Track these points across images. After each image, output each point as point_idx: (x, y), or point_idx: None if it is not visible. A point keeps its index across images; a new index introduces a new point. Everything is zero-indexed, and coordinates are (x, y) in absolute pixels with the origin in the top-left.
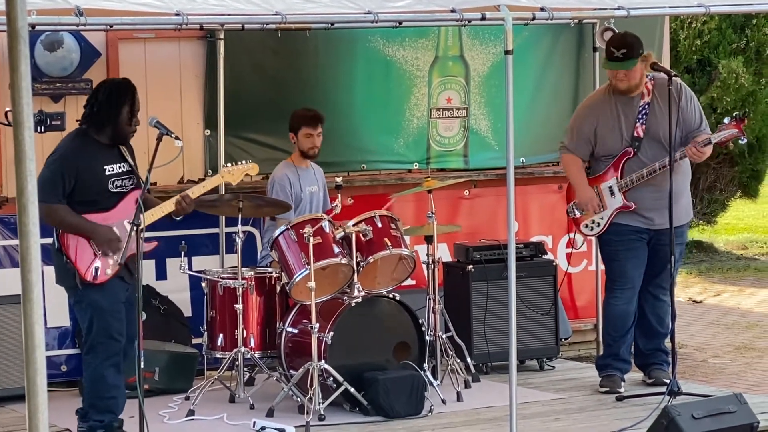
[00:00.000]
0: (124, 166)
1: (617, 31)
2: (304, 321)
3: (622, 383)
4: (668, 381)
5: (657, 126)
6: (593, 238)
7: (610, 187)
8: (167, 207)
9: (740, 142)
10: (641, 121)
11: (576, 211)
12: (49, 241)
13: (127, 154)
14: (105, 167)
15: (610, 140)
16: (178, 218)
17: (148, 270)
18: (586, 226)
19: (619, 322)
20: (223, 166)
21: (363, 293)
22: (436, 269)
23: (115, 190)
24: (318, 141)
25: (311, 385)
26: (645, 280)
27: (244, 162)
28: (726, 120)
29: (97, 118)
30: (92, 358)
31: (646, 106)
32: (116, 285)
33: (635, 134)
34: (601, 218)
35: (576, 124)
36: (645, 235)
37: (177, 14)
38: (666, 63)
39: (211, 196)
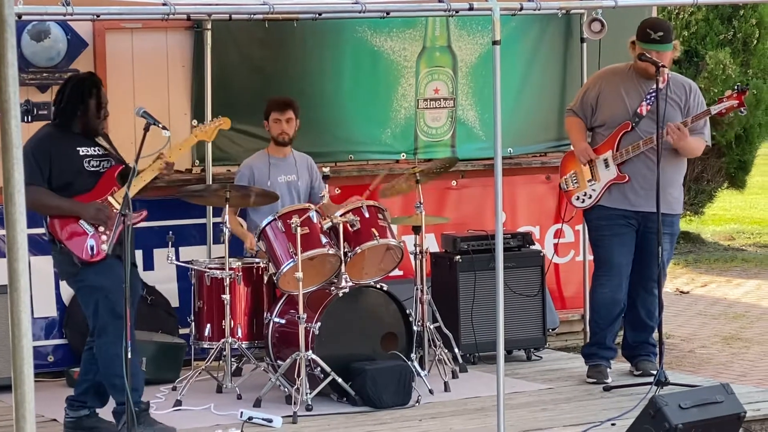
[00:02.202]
0: (98, 149)
1: (604, 21)
2: (292, 311)
3: (609, 372)
4: (655, 372)
5: (660, 109)
6: (581, 231)
7: (605, 160)
8: (147, 175)
9: (740, 113)
10: (648, 101)
11: (570, 184)
12: (37, 231)
13: (101, 141)
14: (78, 149)
15: (610, 107)
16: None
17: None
18: (578, 198)
19: (605, 310)
20: (194, 126)
21: (350, 283)
22: (423, 259)
23: (92, 170)
24: (287, 127)
25: (299, 376)
26: (635, 271)
27: (215, 119)
28: (727, 92)
29: (65, 113)
30: (104, 341)
31: (658, 90)
32: (115, 264)
33: (638, 110)
34: (594, 190)
35: (584, 89)
36: (633, 221)
37: (164, 4)
38: (677, 53)
39: (199, 186)
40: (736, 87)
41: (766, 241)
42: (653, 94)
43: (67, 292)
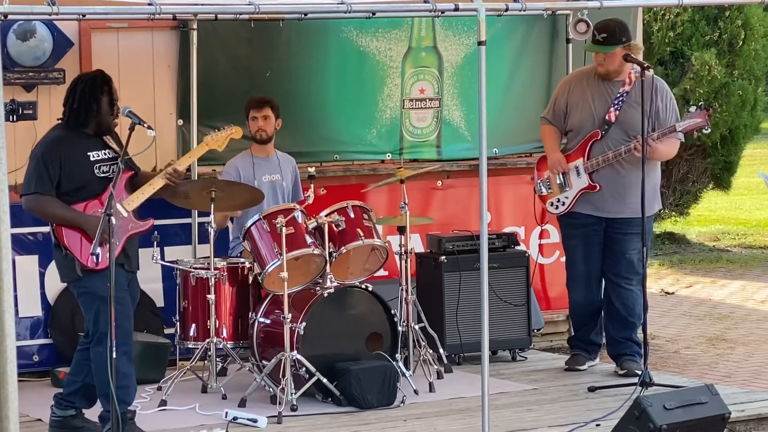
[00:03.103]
0: (108, 153)
1: (590, 23)
2: (277, 311)
3: (587, 362)
4: (640, 372)
5: (628, 116)
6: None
7: (577, 167)
8: (157, 183)
9: (704, 131)
10: (616, 107)
11: (543, 189)
12: (22, 230)
13: (111, 142)
14: (89, 153)
15: (579, 113)
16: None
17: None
18: (552, 204)
19: (581, 310)
20: (205, 134)
21: (335, 284)
22: (408, 260)
23: (102, 176)
24: (264, 124)
25: (283, 376)
26: (608, 269)
27: (226, 127)
28: (692, 109)
29: (78, 114)
30: (102, 349)
31: (625, 95)
32: (118, 273)
33: (607, 118)
34: (567, 197)
35: (555, 95)
36: (597, 227)
37: (150, 4)
38: (639, 55)
39: (184, 184)
40: (699, 105)
41: (751, 242)
42: (621, 99)
43: (52, 291)
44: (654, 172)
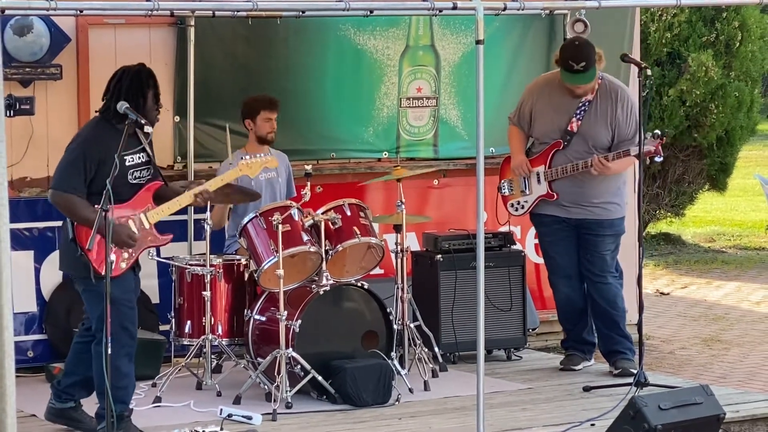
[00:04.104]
0: (142, 156)
1: (588, 22)
2: (272, 309)
3: (582, 362)
4: (634, 371)
5: (590, 126)
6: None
7: (538, 174)
8: (184, 200)
9: (656, 160)
10: (578, 117)
11: (506, 189)
12: (18, 225)
13: (145, 143)
14: (125, 158)
15: (542, 124)
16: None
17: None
18: (512, 205)
19: (568, 309)
20: (242, 158)
21: (331, 281)
22: (404, 258)
23: (134, 182)
24: (275, 126)
25: (278, 373)
26: (583, 267)
27: (263, 155)
28: (648, 135)
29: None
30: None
31: (587, 104)
32: (128, 276)
33: (569, 128)
34: (526, 201)
35: (521, 100)
36: (566, 224)
37: (147, 0)
38: (636, 55)
39: (181, 183)
40: (654, 133)
41: (747, 243)
42: (584, 108)
43: (47, 287)
44: (612, 179)
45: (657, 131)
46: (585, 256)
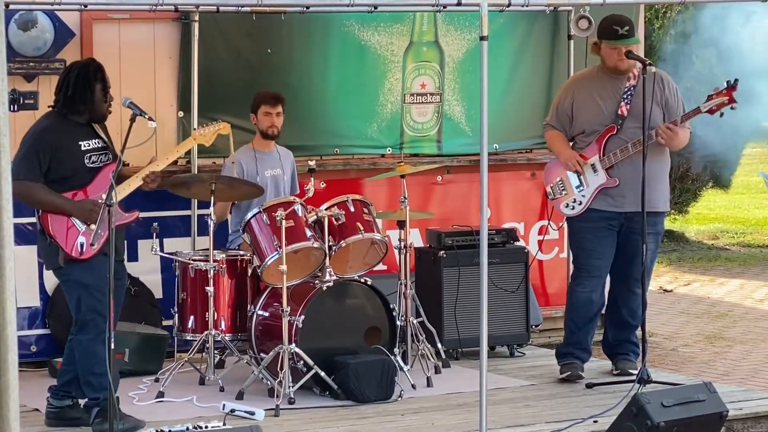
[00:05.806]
0: (98, 142)
1: (592, 19)
2: (275, 304)
3: (581, 372)
4: (634, 372)
5: (640, 108)
6: (565, 227)
7: (593, 165)
8: (134, 183)
9: (732, 109)
10: (626, 100)
11: (557, 190)
12: (22, 220)
13: (100, 131)
14: (80, 143)
15: (588, 114)
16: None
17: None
18: (567, 205)
19: (583, 310)
20: (194, 128)
21: (334, 277)
22: (407, 254)
23: (91, 165)
24: (277, 121)
25: (281, 369)
26: (619, 271)
27: (214, 122)
28: (716, 88)
29: (72, 101)
30: (83, 336)
31: (632, 88)
32: (101, 261)
33: (619, 112)
34: (583, 196)
35: (557, 101)
36: (615, 222)
37: None
38: (641, 52)
39: (185, 176)
40: (726, 82)
41: (750, 240)
42: (630, 93)
43: (50, 282)
44: (666, 164)
45: (728, 80)
46: (624, 258)
